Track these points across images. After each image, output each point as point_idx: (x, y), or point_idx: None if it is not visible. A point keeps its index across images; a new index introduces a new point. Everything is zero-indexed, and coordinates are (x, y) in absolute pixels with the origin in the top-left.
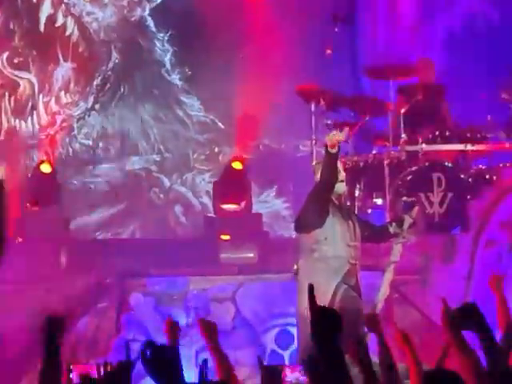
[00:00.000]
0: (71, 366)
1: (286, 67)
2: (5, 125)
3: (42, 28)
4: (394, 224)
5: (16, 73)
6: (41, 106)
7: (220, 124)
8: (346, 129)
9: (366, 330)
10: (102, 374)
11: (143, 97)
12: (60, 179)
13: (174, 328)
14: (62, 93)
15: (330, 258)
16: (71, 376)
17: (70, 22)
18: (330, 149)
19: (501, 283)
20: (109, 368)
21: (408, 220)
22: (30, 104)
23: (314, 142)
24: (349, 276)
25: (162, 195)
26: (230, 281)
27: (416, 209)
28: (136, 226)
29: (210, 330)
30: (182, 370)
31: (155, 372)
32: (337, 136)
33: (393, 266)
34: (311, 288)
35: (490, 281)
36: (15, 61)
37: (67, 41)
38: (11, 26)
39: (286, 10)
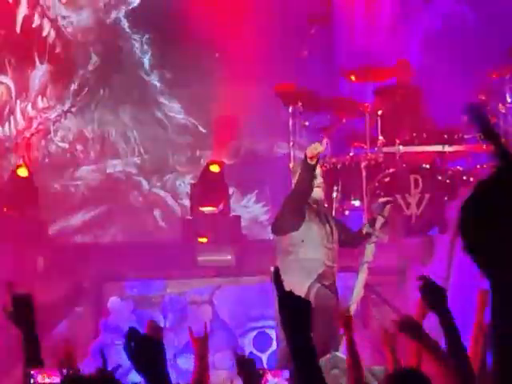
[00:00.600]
0: (32, 371)
1: (263, 69)
2: None
3: (18, 29)
4: (366, 224)
5: None
6: (18, 111)
7: (200, 127)
8: (325, 140)
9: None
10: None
11: (122, 99)
12: (38, 183)
13: (155, 331)
14: (39, 98)
15: (305, 259)
16: (32, 381)
17: (47, 24)
18: (309, 160)
19: (487, 298)
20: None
21: (380, 219)
22: (7, 109)
23: (291, 143)
24: (324, 277)
25: (141, 198)
26: (207, 283)
27: (388, 207)
28: (115, 229)
29: (202, 346)
30: (166, 361)
31: (139, 361)
32: (318, 148)
33: (366, 266)
34: (277, 272)
35: (478, 296)
36: None
37: (44, 42)
38: None
39: (262, 12)
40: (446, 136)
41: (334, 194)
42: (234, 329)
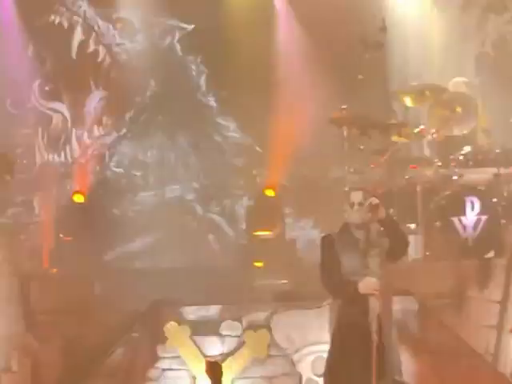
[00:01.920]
0: None
1: (317, 92)
2: (38, 159)
3: (73, 54)
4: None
5: (48, 105)
6: (73, 140)
7: (256, 146)
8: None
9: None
10: None
11: (181, 124)
12: (95, 208)
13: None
14: (95, 126)
15: None
16: None
17: (102, 50)
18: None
19: None
20: None
21: (374, 228)
22: (63, 137)
23: (346, 167)
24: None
25: (196, 223)
26: (264, 308)
27: (377, 210)
28: (172, 254)
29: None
30: None
31: None
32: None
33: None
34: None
35: None
36: (46, 88)
37: (99, 68)
38: (43, 54)
39: (318, 36)
40: (501, 158)
41: None
42: (291, 354)
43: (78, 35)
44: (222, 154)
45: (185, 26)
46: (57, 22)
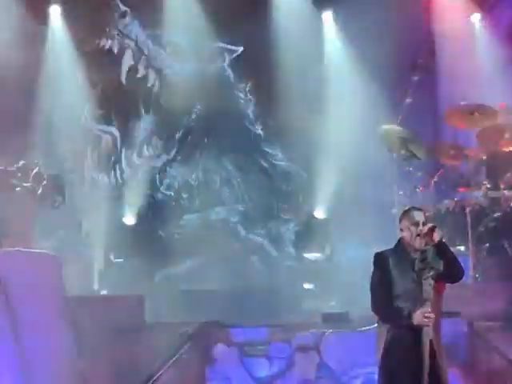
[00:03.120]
0: None
1: (365, 114)
2: (88, 179)
3: (123, 80)
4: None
5: (98, 126)
6: (123, 160)
7: (303, 172)
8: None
9: None
10: None
11: (226, 147)
12: (144, 230)
13: None
14: (145, 146)
15: None
16: None
17: (151, 74)
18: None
19: None
20: None
21: (430, 250)
22: (112, 158)
23: (395, 189)
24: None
25: (241, 245)
26: (313, 330)
27: (436, 233)
28: (219, 276)
29: None
30: None
31: None
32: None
33: (427, 304)
34: None
35: None
36: (97, 113)
37: (149, 92)
38: (93, 79)
39: (366, 59)
40: None
41: None
42: (340, 375)
43: (127, 60)
44: (267, 178)
45: (234, 48)
46: (107, 46)
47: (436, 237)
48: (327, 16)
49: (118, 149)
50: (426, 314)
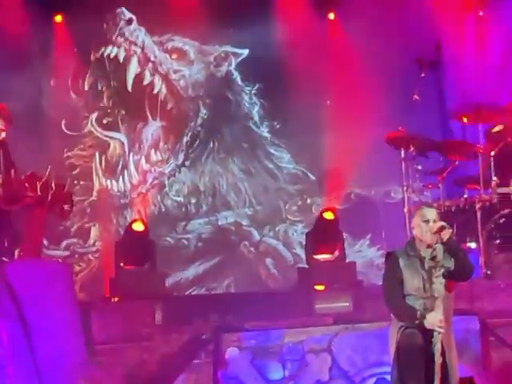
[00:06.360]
0: None
1: (373, 113)
2: (96, 185)
3: (129, 87)
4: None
5: (106, 133)
6: (131, 166)
7: (311, 175)
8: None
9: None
10: None
11: (233, 151)
12: (153, 236)
13: None
14: (152, 151)
15: None
16: None
17: (158, 80)
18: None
19: None
20: None
21: (440, 248)
22: (120, 164)
23: (405, 188)
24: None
25: (252, 248)
26: (325, 331)
27: (446, 232)
28: (229, 280)
29: None
30: None
31: None
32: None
33: (439, 302)
34: None
35: None
36: (104, 121)
37: (155, 99)
38: (99, 87)
39: (371, 57)
40: None
41: None
42: (353, 376)
43: (134, 67)
44: (274, 180)
45: (239, 51)
46: (113, 54)
47: (445, 235)
48: (331, 16)
49: (126, 154)
50: (438, 318)
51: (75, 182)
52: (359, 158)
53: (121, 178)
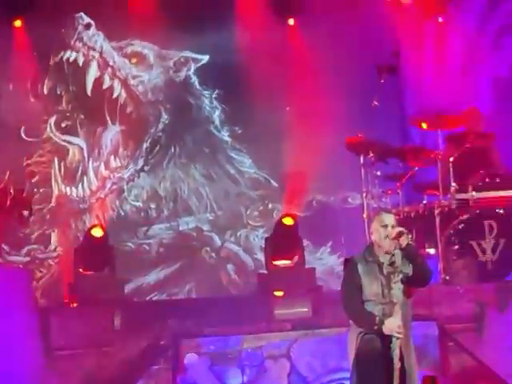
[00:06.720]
0: None
1: (333, 120)
2: (56, 192)
3: (89, 91)
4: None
5: (64, 137)
6: (91, 172)
7: (272, 180)
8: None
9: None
10: None
11: (194, 156)
12: (113, 242)
13: None
14: (112, 158)
15: None
16: None
17: (117, 85)
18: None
19: None
20: None
21: (399, 254)
22: (80, 170)
23: (364, 194)
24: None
25: (213, 254)
26: (284, 337)
27: (404, 237)
28: (190, 285)
29: None
30: None
31: None
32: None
33: (397, 308)
34: None
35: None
36: (63, 125)
37: (115, 103)
38: (58, 91)
39: (331, 63)
40: None
41: None
42: (312, 382)
43: (93, 71)
44: (236, 185)
45: (199, 57)
46: (72, 58)
47: (404, 241)
48: (291, 22)
49: (86, 161)
50: (396, 324)
51: (35, 189)
52: (320, 163)
53: (80, 184)
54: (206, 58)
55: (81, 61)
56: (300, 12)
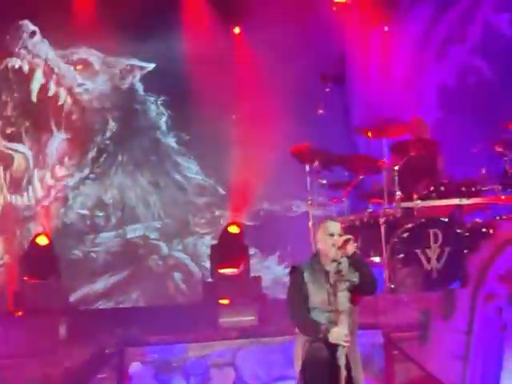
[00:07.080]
0: None
1: (278, 127)
2: (1, 200)
3: (34, 98)
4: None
5: (10, 145)
6: (36, 181)
7: (219, 188)
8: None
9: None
10: None
11: (141, 163)
12: (60, 250)
13: None
14: (57, 166)
15: None
16: None
17: (62, 92)
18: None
19: None
20: None
21: (345, 262)
22: (25, 179)
23: (309, 202)
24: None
25: (160, 262)
26: (229, 345)
27: (350, 245)
28: (137, 294)
29: None
30: None
31: None
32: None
33: (343, 317)
34: None
35: None
36: (8, 131)
37: (60, 110)
38: (3, 97)
39: (277, 71)
40: (463, 189)
41: None
42: None
43: (38, 78)
44: (182, 193)
45: (145, 65)
46: (17, 66)
47: (350, 249)
48: (237, 30)
49: (31, 169)
50: (342, 333)
51: None
52: (266, 172)
53: (25, 192)
54: (151, 66)
55: (26, 68)
56: (246, 20)
